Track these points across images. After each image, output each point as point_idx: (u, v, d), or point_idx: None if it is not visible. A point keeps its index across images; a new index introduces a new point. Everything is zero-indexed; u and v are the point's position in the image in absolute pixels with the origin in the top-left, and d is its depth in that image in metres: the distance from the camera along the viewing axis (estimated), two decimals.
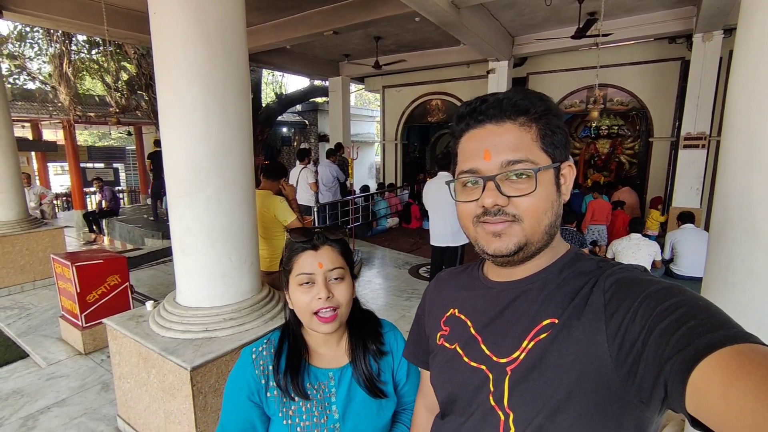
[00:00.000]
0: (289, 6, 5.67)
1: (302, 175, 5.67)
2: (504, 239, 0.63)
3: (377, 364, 0.96)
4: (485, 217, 0.63)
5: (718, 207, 1.52)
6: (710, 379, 0.41)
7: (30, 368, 3.17)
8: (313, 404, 0.89)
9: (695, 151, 5.65)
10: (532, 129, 0.62)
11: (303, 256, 0.90)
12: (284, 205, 2.98)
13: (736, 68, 1.50)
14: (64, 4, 4.98)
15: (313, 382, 0.92)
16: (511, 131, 0.62)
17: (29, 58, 10.47)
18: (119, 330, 2.18)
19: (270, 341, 0.96)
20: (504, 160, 0.61)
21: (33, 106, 10.59)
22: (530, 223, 0.62)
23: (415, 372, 1.00)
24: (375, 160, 15.44)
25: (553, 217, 0.63)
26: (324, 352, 0.97)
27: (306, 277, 0.89)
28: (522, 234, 0.62)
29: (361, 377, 0.93)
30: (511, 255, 0.63)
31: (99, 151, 14.56)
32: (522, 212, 0.62)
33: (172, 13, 1.91)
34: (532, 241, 0.63)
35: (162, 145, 2.09)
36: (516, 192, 0.61)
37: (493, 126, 0.63)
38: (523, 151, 0.61)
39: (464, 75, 8.53)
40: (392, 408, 0.97)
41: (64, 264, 3.31)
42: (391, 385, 0.98)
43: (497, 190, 0.61)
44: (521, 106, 0.62)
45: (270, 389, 0.90)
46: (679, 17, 5.59)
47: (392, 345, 1.01)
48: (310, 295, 0.88)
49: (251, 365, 0.91)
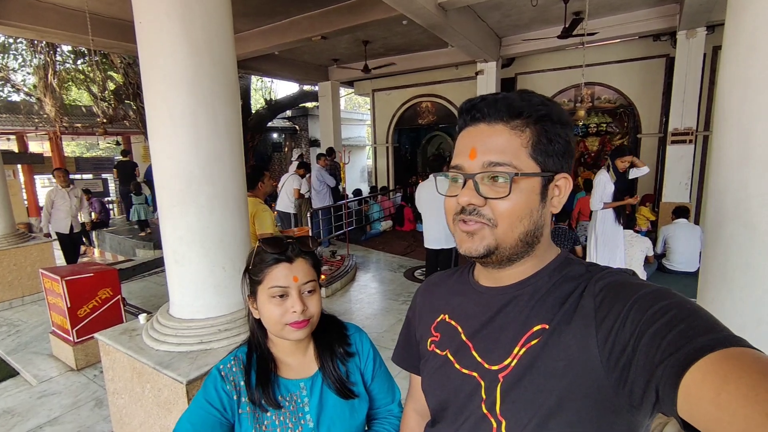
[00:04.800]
0: (277, 12, 5.66)
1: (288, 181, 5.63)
2: (475, 240, 0.63)
3: (345, 367, 0.97)
4: (461, 215, 0.63)
5: (713, 202, 1.53)
6: (701, 383, 0.41)
7: (21, 386, 3.10)
8: (286, 415, 0.89)
9: (683, 147, 5.73)
10: (525, 134, 0.61)
11: (277, 268, 0.88)
12: (267, 215, 2.93)
13: (726, 64, 1.51)
14: (48, 14, 4.91)
15: (285, 393, 0.91)
16: (501, 133, 0.61)
17: (13, 70, 10.32)
18: (112, 344, 2.13)
19: (237, 358, 0.94)
20: (486, 160, 0.61)
21: (18, 119, 10.43)
22: (503, 228, 0.61)
23: (382, 370, 1.03)
24: (367, 163, 15.43)
25: (530, 225, 0.62)
26: (292, 361, 0.96)
27: (280, 289, 0.87)
28: (492, 237, 0.62)
29: (331, 381, 0.93)
30: (480, 257, 0.63)
31: (87, 161, 14.31)
32: (496, 216, 0.61)
33: (158, 21, 1.89)
34: (503, 246, 0.62)
35: (151, 155, 2.06)
36: (492, 194, 0.61)
37: (485, 126, 0.62)
38: (507, 154, 0.60)
39: (453, 77, 8.57)
40: (365, 407, 0.98)
41: (53, 278, 3.25)
42: (361, 385, 0.99)
43: (475, 189, 0.61)
44: (515, 109, 0.61)
45: (242, 405, 0.89)
46: (662, 15, 5.69)
47: (358, 345, 1.02)
48: (283, 307, 0.87)
49: (221, 380, 0.90)
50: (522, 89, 0.64)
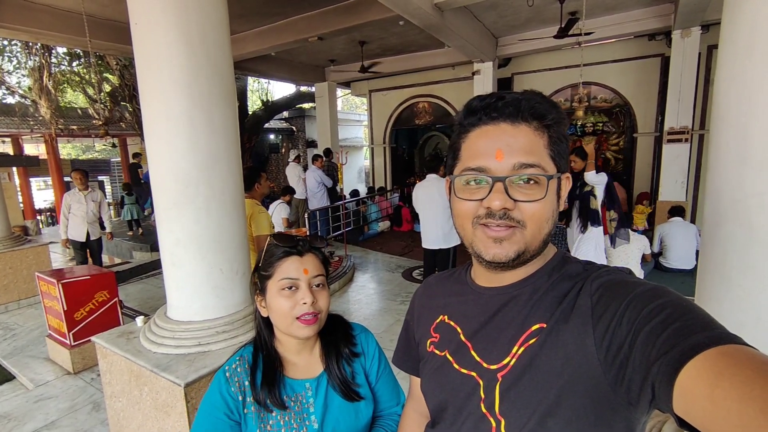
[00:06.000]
0: (273, 13, 5.65)
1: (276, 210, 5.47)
2: (505, 246, 0.61)
3: (351, 368, 0.97)
4: (487, 220, 0.61)
5: (711, 202, 1.53)
6: (696, 380, 0.41)
7: (17, 390, 3.08)
8: (291, 416, 0.89)
9: (679, 145, 5.76)
10: (545, 135, 0.61)
11: (287, 261, 0.90)
12: (264, 216, 2.86)
13: (723, 63, 1.51)
14: (43, 16, 4.89)
15: (290, 393, 0.92)
16: (527, 134, 0.60)
17: (8, 72, 10.26)
18: (109, 348, 2.12)
19: (243, 357, 0.95)
20: (517, 162, 0.59)
21: (13, 121, 10.38)
22: (532, 231, 0.61)
23: (387, 371, 1.03)
24: (364, 164, 15.42)
25: (552, 226, 0.63)
26: (298, 361, 0.96)
27: (290, 281, 0.88)
28: (523, 241, 0.61)
29: (337, 383, 0.94)
30: (510, 262, 0.62)
31: (83, 164, 14.31)
32: (527, 218, 0.60)
33: (154, 23, 1.88)
34: (530, 248, 0.62)
35: (148, 157, 2.05)
36: (524, 197, 0.59)
37: (508, 126, 0.60)
38: (536, 155, 0.60)
39: (450, 77, 8.58)
40: (370, 410, 0.97)
41: (49, 281, 3.23)
42: (367, 387, 0.98)
43: (505, 192, 0.59)
44: (538, 110, 0.60)
45: (248, 405, 0.89)
46: (657, 15, 5.71)
47: (364, 346, 1.02)
48: (293, 300, 0.88)
49: (226, 383, 0.90)
50: (528, 90, 0.63)
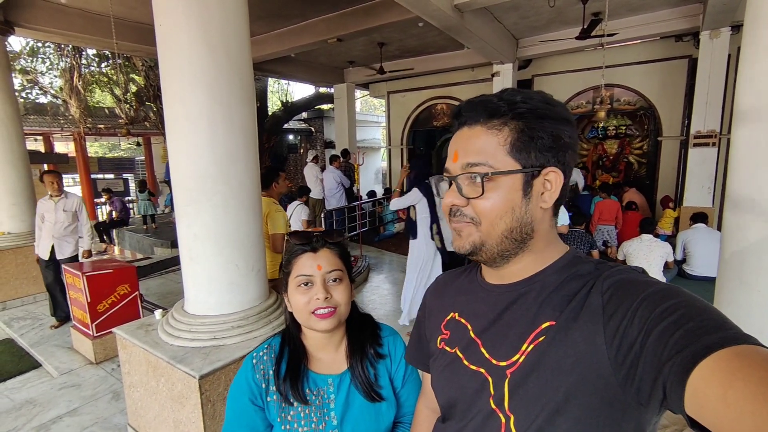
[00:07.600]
0: (293, 15, 5.73)
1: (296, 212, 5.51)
2: (462, 238, 0.66)
3: (374, 369, 0.97)
4: (449, 216, 0.68)
5: (730, 205, 1.49)
6: (709, 381, 0.40)
7: (42, 378, 3.20)
8: (312, 410, 0.90)
9: (706, 150, 5.56)
10: (502, 132, 0.62)
11: (302, 258, 0.93)
12: (280, 215, 2.91)
13: (744, 65, 1.47)
14: (74, 19, 5.09)
15: (312, 387, 0.93)
16: (479, 135, 0.63)
17: (41, 73, 10.68)
18: (129, 339, 2.19)
19: (271, 346, 0.97)
20: (465, 162, 0.63)
21: (45, 120, 10.81)
22: (485, 226, 0.64)
23: (413, 377, 1.01)
24: (381, 165, 15.46)
25: (513, 222, 0.63)
26: (323, 356, 0.97)
27: (304, 278, 0.91)
28: (477, 235, 0.65)
29: (359, 382, 0.94)
30: (467, 254, 0.66)
31: (109, 162, 14.77)
32: (478, 214, 0.64)
33: (177, 24, 1.94)
34: (488, 243, 0.64)
35: (168, 154, 2.11)
36: (471, 194, 0.63)
37: (467, 129, 0.65)
38: (483, 155, 0.62)
39: (469, 79, 8.52)
40: (392, 413, 0.97)
41: (74, 274, 3.35)
42: (390, 389, 0.98)
43: (458, 191, 0.64)
44: (491, 109, 0.62)
45: (270, 393, 0.91)
46: (685, 15, 5.54)
47: (390, 348, 1.01)
48: (308, 295, 0.90)
49: (252, 370, 0.93)
50: (507, 88, 0.66)
